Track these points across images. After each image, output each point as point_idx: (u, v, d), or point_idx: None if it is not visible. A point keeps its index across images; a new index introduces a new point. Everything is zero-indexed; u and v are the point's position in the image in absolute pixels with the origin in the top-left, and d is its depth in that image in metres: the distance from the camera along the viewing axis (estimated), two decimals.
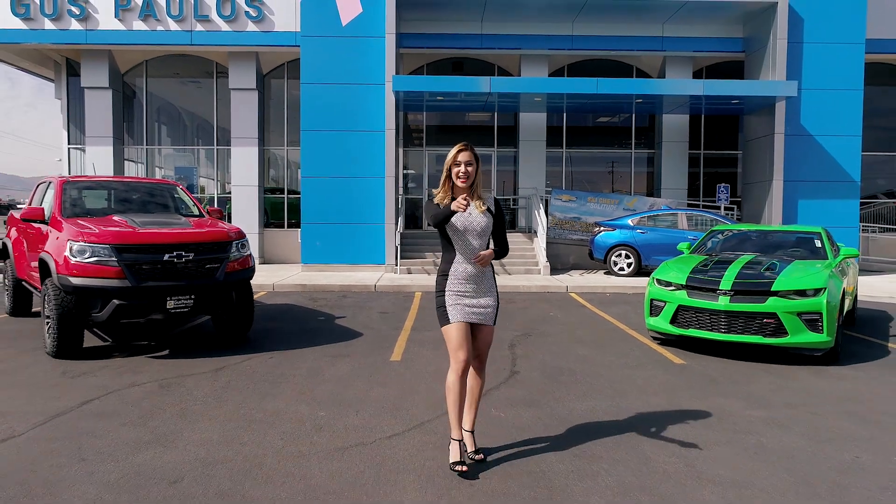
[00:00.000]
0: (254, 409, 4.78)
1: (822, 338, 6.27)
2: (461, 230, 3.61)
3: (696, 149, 17.39)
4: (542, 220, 14.96)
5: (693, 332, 6.76)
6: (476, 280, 3.68)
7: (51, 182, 7.88)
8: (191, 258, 6.50)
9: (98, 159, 16.05)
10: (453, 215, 3.53)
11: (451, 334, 3.62)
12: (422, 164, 17.79)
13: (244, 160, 16.60)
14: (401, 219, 15.45)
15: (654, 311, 7.19)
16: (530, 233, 16.15)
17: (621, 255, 14.01)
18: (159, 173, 17.67)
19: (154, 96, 17.43)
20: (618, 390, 5.42)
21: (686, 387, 5.58)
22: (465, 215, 3.61)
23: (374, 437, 4.19)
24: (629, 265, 13.92)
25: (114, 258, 6.18)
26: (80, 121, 17.01)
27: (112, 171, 16.39)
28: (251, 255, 7.39)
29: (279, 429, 4.34)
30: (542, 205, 15.65)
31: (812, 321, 6.28)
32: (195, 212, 8.10)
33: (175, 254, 6.40)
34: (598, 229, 14.55)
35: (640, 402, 5.09)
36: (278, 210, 17.44)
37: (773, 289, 6.39)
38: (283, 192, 17.47)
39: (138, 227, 6.58)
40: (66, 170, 17.66)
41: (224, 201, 17.22)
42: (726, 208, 16.38)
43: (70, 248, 6.19)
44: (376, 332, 7.99)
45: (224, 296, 6.86)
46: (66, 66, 17.14)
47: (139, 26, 15.40)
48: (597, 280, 13.35)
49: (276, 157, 17.58)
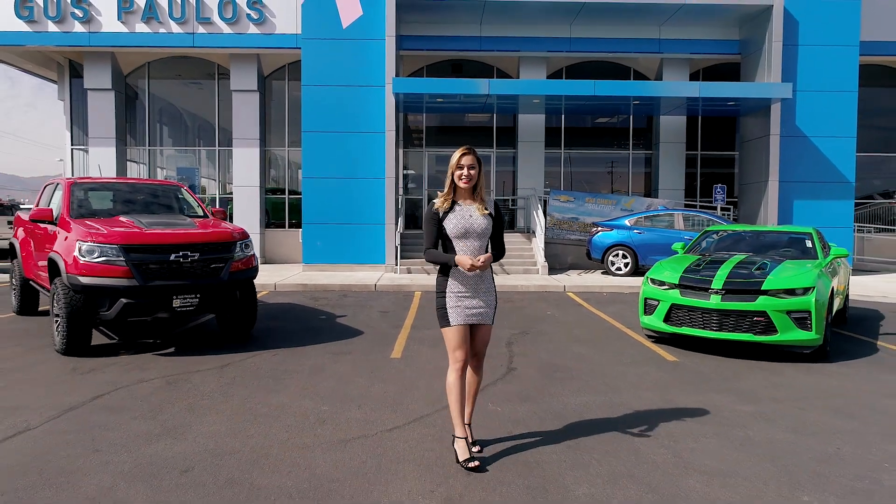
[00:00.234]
0: (259, 403, 4.96)
1: (810, 335, 6.45)
2: (462, 232, 3.73)
3: (693, 149, 17.58)
4: (540, 221, 15.14)
5: (686, 331, 6.94)
6: (476, 280, 3.80)
7: (58, 183, 8.05)
8: (196, 258, 6.68)
9: (100, 160, 16.23)
10: (451, 261, 3.69)
11: (451, 336, 3.76)
12: (422, 164, 17.97)
13: (245, 161, 16.78)
14: (401, 219, 15.63)
15: (649, 309, 7.37)
16: (529, 233, 16.34)
17: (618, 255, 14.18)
18: (161, 174, 17.85)
19: (156, 97, 17.61)
20: (611, 386, 5.59)
21: (678, 383, 5.75)
22: (466, 217, 3.74)
23: (376, 430, 4.36)
24: (626, 265, 14.09)
25: (122, 258, 6.35)
26: (83, 122, 17.20)
27: (115, 172, 16.58)
28: (254, 255, 7.56)
29: (284, 422, 4.51)
30: (540, 205, 15.84)
31: (801, 319, 6.45)
32: (199, 212, 8.27)
33: (181, 254, 6.57)
34: (595, 229, 14.72)
35: (633, 397, 5.26)
36: (279, 210, 17.62)
37: (764, 288, 6.56)
38: (283, 193, 17.65)
39: (145, 228, 6.76)
40: (68, 170, 17.83)
41: (225, 202, 17.39)
42: (723, 209, 16.55)
43: (79, 249, 6.36)
44: (377, 330, 8.17)
45: (228, 295, 7.03)
46: (69, 68, 17.33)
47: (142, 28, 15.59)
48: (594, 280, 13.52)
49: (277, 158, 17.75)
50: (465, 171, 3.71)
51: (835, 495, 3.45)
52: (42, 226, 7.63)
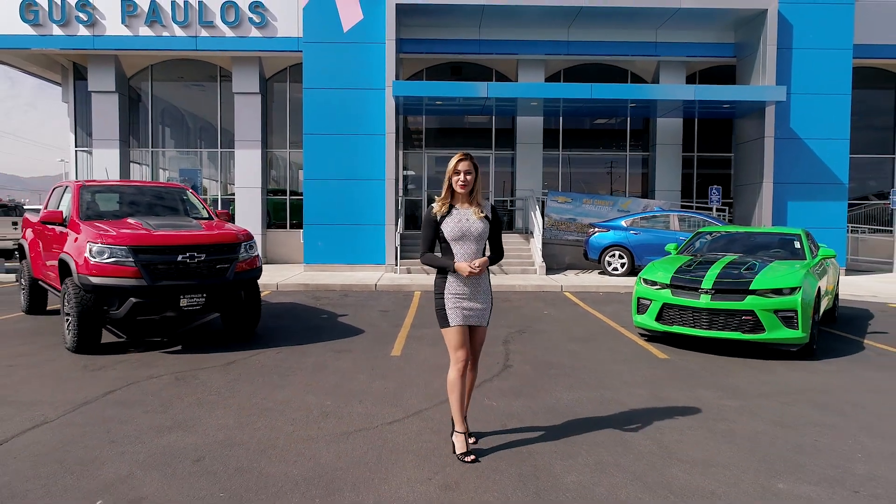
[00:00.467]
0: (265, 398, 5.17)
1: (797, 334, 6.66)
2: (459, 235, 3.90)
3: (689, 151, 17.80)
4: (538, 221, 15.36)
5: (677, 329, 7.15)
6: (473, 282, 3.96)
7: (67, 186, 8.26)
8: (202, 259, 6.89)
9: (104, 162, 16.45)
10: (450, 265, 3.88)
11: (451, 336, 3.94)
12: (421, 165, 18.20)
13: (247, 162, 17.01)
14: (401, 220, 15.85)
15: (641, 308, 7.58)
16: (527, 233, 16.55)
17: (615, 255, 14.40)
18: (164, 175, 18.07)
19: (159, 100, 17.83)
20: (603, 383, 5.80)
21: (668, 379, 5.96)
22: (463, 221, 3.91)
23: (376, 423, 4.58)
24: (623, 265, 14.31)
25: (131, 259, 6.56)
26: (87, 124, 17.42)
27: (118, 174, 16.79)
28: (258, 255, 7.77)
29: (289, 416, 4.73)
30: (538, 206, 16.05)
31: (788, 318, 6.66)
32: (204, 214, 8.48)
33: (188, 255, 6.79)
34: (592, 230, 14.94)
35: (624, 393, 5.48)
36: (281, 211, 17.83)
37: (752, 287, 6.78)
38: (285, 194, 17.87)
39: (153, 230, 6.97)
40: (72, 171, 18.05)
41: (227, 203, 17.61)
42: (718, 210, 16.77)
43: (90, 250, 6.58)
44: (377, 329, 8.38)
45: (234, 294, 7.25)
46: (73, 71, 17.55)
47: (145, 32, 15.80)
48: (591, 280, 13.73)
49: (279, 159, 17.97)
50: (461, 177, 3.90)
51: (808, 483, 3.66)
52: (51, 227, 7.83)
